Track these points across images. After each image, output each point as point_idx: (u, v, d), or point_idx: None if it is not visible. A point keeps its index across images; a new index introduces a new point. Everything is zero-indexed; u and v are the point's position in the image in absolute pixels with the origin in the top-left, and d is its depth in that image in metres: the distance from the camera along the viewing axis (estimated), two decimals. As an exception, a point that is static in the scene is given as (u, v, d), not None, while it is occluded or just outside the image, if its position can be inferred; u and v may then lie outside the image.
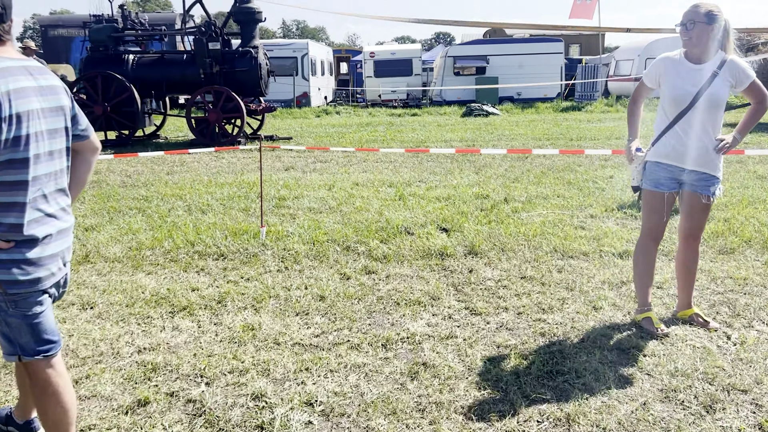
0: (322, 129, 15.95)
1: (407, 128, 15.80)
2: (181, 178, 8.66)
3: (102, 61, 12.11)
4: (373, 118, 20.05)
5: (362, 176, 8.62)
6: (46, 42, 20.12)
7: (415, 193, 7.39)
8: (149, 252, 5.15)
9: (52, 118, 2.19)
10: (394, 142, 12.54)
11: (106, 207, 6.70)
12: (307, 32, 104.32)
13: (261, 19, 12.38)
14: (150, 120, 13.26)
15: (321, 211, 6.58)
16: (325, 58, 27.08)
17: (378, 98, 24.76)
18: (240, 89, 12.30)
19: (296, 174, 8.91)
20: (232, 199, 7.12)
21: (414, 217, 6.15)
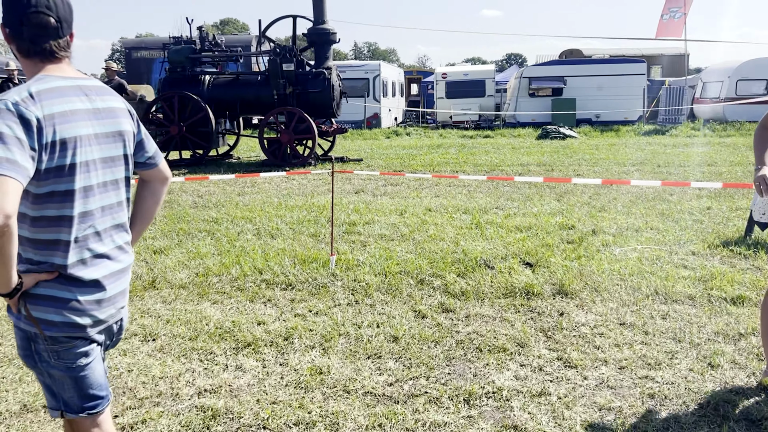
0: (392, 151, 15.72)
1: (480, 151, 15.34)
2: (251, 199, 8.55)
3: (179, 81, 12.32)
4: (444, 139, 19.69)
5: (435, 201, 8.25)
6: (130, 63, 20.98)
7: (492, 221, 6.94)
8: (216, 279, 4.94)
9: (109, 144, 1.93)
10: (467, 165, 12.12)
11: (176, 229, 6.60)
12: (378, 54, 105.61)
13: (335, 40, 12.31)
14: (224, 140, 13.39)
15: (392, 238, 6.25)
16: (397, 79, 27.02)
17: (449, 119, 24.40)
18: (312, 110, 12.22)
19: (367, 197, 8.63)
20: (302, 223, 6.89)
21: (493, 249, 5.71)
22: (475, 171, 11.33)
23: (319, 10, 12.14)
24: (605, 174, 10.70)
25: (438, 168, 11.72)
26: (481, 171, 11.33)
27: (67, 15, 1.86)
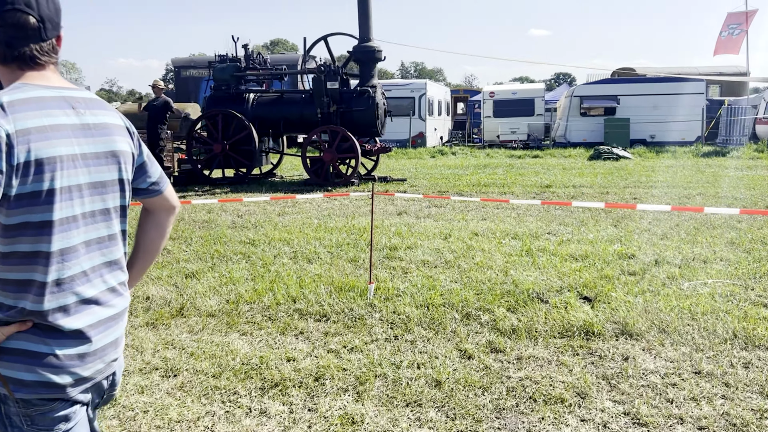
0: (437, 170, 15.34)
1: (529, 171, 14.81)
2: (291, 220, 8.29)
3: (224, 99, 12.29)
4: (491, 159, 19.21)
5: (482, 225, 7.81)
6: (179, 82, 21.32)
7: (544, 248, 6.47)
8: (247, 307, 4.64)
9: (99, 166, 1.62)
10: (516, 187, 11.63)
11: (211, 251, 6.37)
12: (424, 73, 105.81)
13: (380, 58, 12.09)
14: (267, 159, 13.28)
15: (436, 265, 5.85)
16: (443, 98, 26.73)
17: (496, 139, 23.90)
18: (356, 129, 11.99)
19: (409, 219, 8.27)
20: (341, 246, 6.57)
21: (547, 280, 5.24)
22: (525, 193, 10.84)
23: (365, 28, 11.94)
24: (665, 198, 10.06)
25: (485, 189, 11.28)
26: (531, 192, 10.83)
27: (52, 14, 1.57)
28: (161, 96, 12.91)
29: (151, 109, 12.78)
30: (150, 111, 12.79)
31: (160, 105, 12.74)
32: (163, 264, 5.85)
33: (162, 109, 12.72)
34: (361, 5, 11.90)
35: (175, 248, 6.48)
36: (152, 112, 12.74)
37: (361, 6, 11.90)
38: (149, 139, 13.00)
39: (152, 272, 5.51)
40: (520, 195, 10.58)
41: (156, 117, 12.71)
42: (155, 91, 12.92)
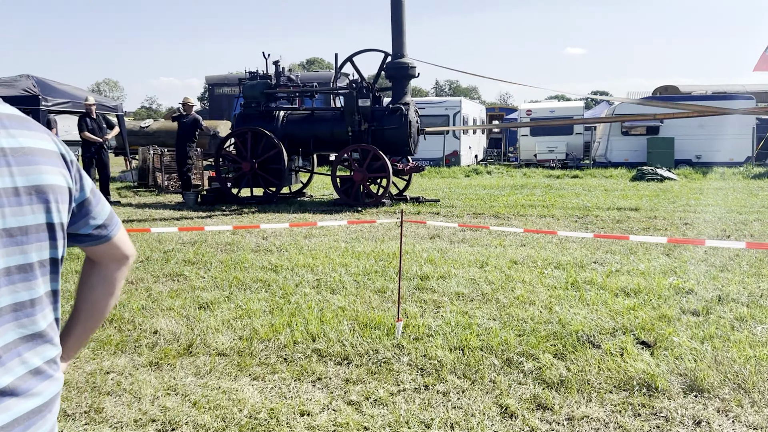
0: (471, 190, 14.80)
1: (569, 192, 14.14)
2: (317, 243, 7.86)
3: (253, 117, 12.03)
4: (528, 179, 18.57)
5: (521, 252, 7.25)
6: (213, 100, 21.32)
7: (591, 280, 5.88)
8: (262, 346, 4.19)
9: (19, 206, 1.18)
10: (555, 209, 11.01)
11: (230, 278, 5.96)
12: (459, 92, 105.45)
13: (414, 75, 11.67)
14: (296, 177, 12.94)
15: (472, 298, 5.32)
16: (478, 116, 26.20)
17: (533, 158, 23.23)
18: (388, 148, 11.57)
19: (442, 244, 7.75)
20: (368, 274, 6.09)
21: (597, 319, 4.67)
22: (566, 215, 10.22)
23: (398, 44, 11.56)
24: (720, 224, 9.32)
25: (523, 211, 10.69)
26: (572, 216, 10.20)
27: None
28: (191, 113, 12.73)
29: (180, 127, 12.60)
30: (179, 128, 12.61)
31: (190, 122, 12.55)
32: (177, 292, 5.46)
33: (191, 126, 12.54)
34: (395, 20, 11.54)
35: (192, 274, 6.10)
36: (181, 129, 12.56)
37: (395, 21, 11.54)
38: (177, 157, 12.81)
39: (164, 302, 5.12)
40: (561, 218, 9.97)
41: (185, 135, 12.53)
42: (185, 109, 12.75)
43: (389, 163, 11.15)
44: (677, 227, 9.02)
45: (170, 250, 7.25)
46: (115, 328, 4.54)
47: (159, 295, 5.36)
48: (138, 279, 5.93)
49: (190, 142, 12.60)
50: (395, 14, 11.51)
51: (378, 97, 11.92)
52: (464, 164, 22.66)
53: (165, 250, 7.27)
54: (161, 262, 6.59)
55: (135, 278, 5.95)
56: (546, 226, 9.23)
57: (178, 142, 12.67)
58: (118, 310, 4.87)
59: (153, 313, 4.85)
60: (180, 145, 12.61)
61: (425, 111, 22.18)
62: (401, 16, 11.50)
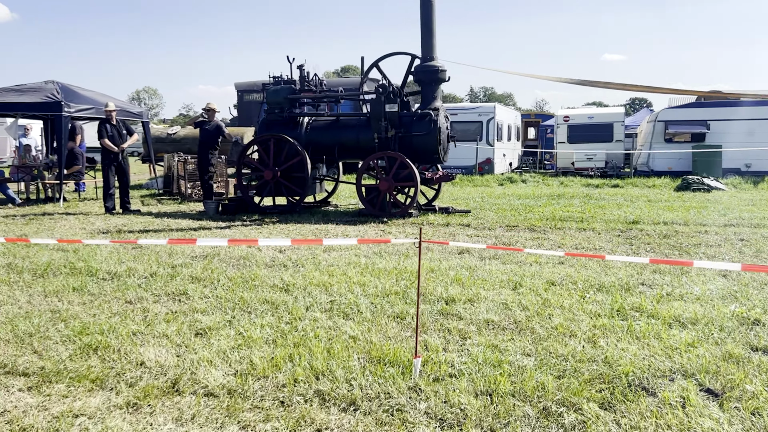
0: (505, 200, 14.09)
1: (610, 203, 13.32)
2: (336, 257, 7.31)
3: (276, 123, 11.58)
4: (566, 188, 17.74)
5: (559, 270, 6.57)
6: (242, 106, 21.07)
7: (640, 306, 5.18)
8: (257, 384, 3.63)
9: None
10: (596, 221, 10.25)
11: (235, 298, 5.43)
12: (494, 98, 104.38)
13: (444, 79, 11.07)
14: (321, 186, 12.44)
15: (503, 327, 4.68)
16: (513, 122, 25.42)
17: (570, 166, 22.34)
18: (416, 155, 10.98)
19: (472, 261, 7.11)
20: (387, 296, 5.50)
21: (650, 358, 3.98)
22: (608, 229, 9.46)
23: (428, 46, 10.98)
24: (781, 240, 8.45)
25: (561, 224, 9.97)
26: (615, 230, 9.44)
27: None
28: (214, 120, 12.36)
29: (202, 134, 12.24)
30: (201, 135, 12.25)
31: (212, 129, 12.18)
32: (175, 314, 4.96)
33: (214, 133, 12.16)
34: (424, 22, 10.96)
35: (196, 293, 5.59)
36: (203, 136, 12.20)
37: (424, 22, 10.96)
38: (199, 164, 12.45)
39: (158, 327, 4.62)
40: (602, 233, 9.21)
41: (207, 141, 12.15)
42: (209, 115, 12.38)
43: (417, 171, 10.55)
44: (732, 244, 8.19)
45: (179, 264, 6.79)
46: (98, 357, 4.04)
47: (155, 318, 4.87)
48: (138, 298, 5.46)
49: (213, 149, 12.21)
50: (425, 15, 10.94)
51: (406, 103, 11.35)
52: (498, 172, 21.91)
53: (174, 264, 6.81)
54: (166, 279, 6.11)
55: (135, 297, 5.48)
56: (586, 241, 8.50)
57: (200, 149, 12.30)
58: (106, 336, 4.39)
59: (144, 341, 4.35)
60: (202, 152, 12.24)
61: (457, 117, 21.56)
62: (431, 17, 10.92)
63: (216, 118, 12.47)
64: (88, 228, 9.74)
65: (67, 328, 4.57)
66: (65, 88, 13.04)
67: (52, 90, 12.63)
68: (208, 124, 12.24)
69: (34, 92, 12.68)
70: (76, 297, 5.48)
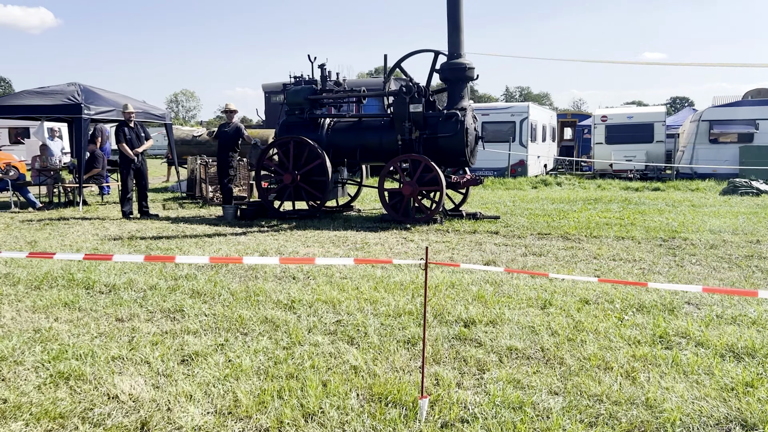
0: (538, 204, 13.40)
1: (650, 208, 12.51)
2: (351, 268, 6.81)
3: (297, 125, 11.16)
4: (603, 191, 16.92)
5: (594, 286, 5.94)
6: (269, 108, 20.77)
7: (686, 331, 4.54)
8: (237, 426, 3.15)
9: None
10: (636, 229, 9.52)
11: (233, 317, 4.97)
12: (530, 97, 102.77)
13: (472, 77, 10.48)
14: (343, 190, 11.96)
15: (528, 356, 4.11)
16: (548, 122, 24.57)
17: (609, 168, 21.42)
18: (442, 158, 10.42)
19: (497, 275, 6.53)
20: (400, 315, 4.97)
21: (701, 400, 3.37)
22: (648, 238, 8.75)
23: (455, 42, 10.41)
24: (844, 251, 7.63)
25: (597, 232, 9.28)
26: (657, 238, 8.71)
27: None
28: (233, 121, 12.01)
29: (221, 136, 11.90)
30: (220, 138, 11.91)
31: (232, 132, 11.83)
32: (164, 336, 4.52)
33: (233, 135, 11.81)
34: (451, 16, 10.39)
35: (193, 311, 5.15)
36: (223, 139, 11.86)
37: (451, 17, 10.39)
38: (219, 168, 12.12)
39: (143, 351, 4.18)
40: (642, 242, 8.51)
41: (227, 144, 11.81)
42: (227, 116, 12.04)
43: (442, 175, 9.99)
44: (790, 255, 7.41)
45: (182, 276, 6.38)
46: (69, 389, 3.62)
47: (141, 340, 4.43)
48: (130, 315, 5.04)
49: (232, 151, 11.86)
50: (451, 9, 10.37)
51: (432, 102, 10.79)
52: (531, 174, 21.14)
53: (177, 276, 6.41)
54: (164, 293, 5.70)
55: (127, 314, 5.07)
56: (625, 251, 7.81)
57: (219, 152, 11.98)
58: (83, 362, 3.97)
59: (123, 368, 3.91)
60: (221, 155, 11.90)
61: (489, 117, 20.90)
62: (458, 11, 10.35)
63: (235, 119, 12.12)
64: (101, 234, 9.45)
65: (44, 351, 4.16)
66: (87, 90, 12.87)
67: (73, 92, 12.47)
68: (227, 126, 11.89)
69: (56, 95, 12.53)
70: (65, 313, 5.10)
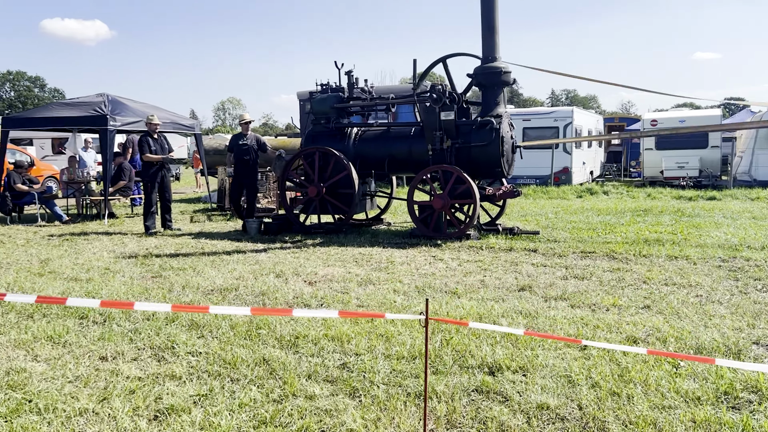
0: (582, 216, 12.51)
1: (706, 220, 11.49)
2: (372, 292, 6.20)
3: (323, 135, 10.63)
4: (653, 201, 15.85)
5: (642, 320, 5.17)
6: (303, 116, 20.36)
7: (757, 385, 3.76)
8: None
9: None
10: (689, 246, 8.61)
11: (228, 356, 4.42)
12: (577, 101, 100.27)
13: (508, 81, 9.76)
14: (372, 202, 11.36)
15: (562, 416, 3.42)
16: (594, 127, 23.47)
17: (659, 175, 20.21)
18: (476, 168, 9.71)
19: (532, 303, 5.81)
20: (413, 359, 4.32)
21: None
22: (705, 257, 7.85)
23: (489, 46, 9.70)
24: None
25: (647, 250, 8.41)
26: (714, 257, 7.81)
27: None
28: (249, 133, 11.54)
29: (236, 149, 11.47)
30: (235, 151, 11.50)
31: (252, 143, 11.41)
32: (143, 383, 3.98)
33: (253, 149, 11.38)
34: (485, 18, 9.69)
35: (185, 347, 4.62)
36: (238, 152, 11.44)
37: (485, 19, 9.69)
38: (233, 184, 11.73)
39: (114, 402, 3.65)
40: (698, 262, 7.62)
41: (244, 158, 11.38)
42: (243, 128, 11.59)
43: (476, 187, 9.28)
44: None
45: (187, 302, 5.88)
46: (17, 453, 3.11)
47: (118, 386, 3.91)
48: (115, 354, 4.54)
49: (249, 166, 11.45)
50: (485, 10, 9.67)
51: (466, 109, 10.11)
52: (576, 182, 20.12)
53: (182, 301, 5.92)
54: (161, 324, 5.20)
55: (113, 352, 4.57)
56: (678, 273, 6.97)
57: (236, 166, 11.59)
58: (42, 417, 3.46)
59: (86, 425, 3.39)
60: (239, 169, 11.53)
61: (531, 123, 20.03)
62: (492, 13, 9.64)
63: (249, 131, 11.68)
64: (117, 250, 9.11)
65: (4, 402, 3.68)
66: (115, 100, 12.68)
67: (100, 103, 12.28)
68: (243, 138, 11.46)
69: (83, 106, 12.38)
70: (47, 349, 4.64)
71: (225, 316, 5.40)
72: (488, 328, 3.61)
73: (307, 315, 3.46)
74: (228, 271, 7.51)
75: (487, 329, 4.03)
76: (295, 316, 4.00)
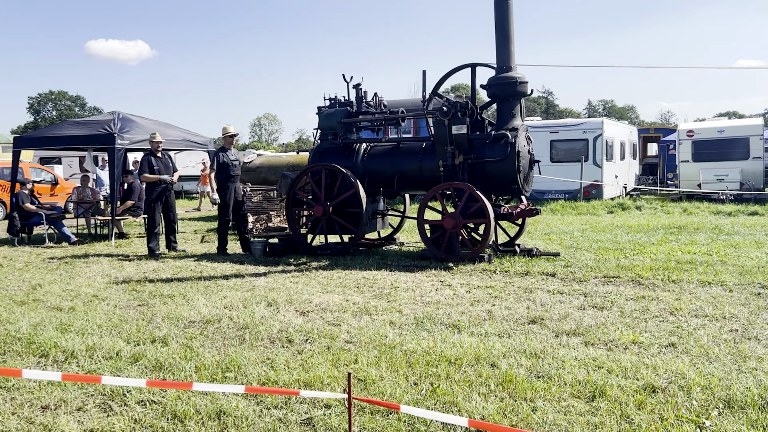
0: (610, 234, 11.72)
1: (746, 239, 10.59)
2: (364, 326, 5.63)
3: (330, 151, 10.16)
4: (689, 217, 14.90)
5: (665, 362, 4.48)
6: (323, 131, 20.07)
7: (803, 461, 3.05)
8: None
9: None
10: (726, 271, 7.80)
11: (180, 410, 3.89)
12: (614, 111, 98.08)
13: (525, 92, 9.13)
14: (384, 222, 10.79)
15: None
16: (627, 138, 22.49)
17: (696, 188, 19.16)
18: (490, 185, 9.09)
19: (541, 339, 5.16)
20: (415, 425, 3.72)
21: None
22: (742, 283, 7.06)
23: (504, 54, 9.10)
24: None
25: (677, 274, 7.64)
26: (754, 284, 7.01)
27: None
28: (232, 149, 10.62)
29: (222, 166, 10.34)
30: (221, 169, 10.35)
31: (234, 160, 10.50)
32: (77, 439, 3.48)
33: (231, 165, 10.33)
34: (499, 25, 9.11)
35: (136, 397, 4.12)
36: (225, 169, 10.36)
37: (499, 26, 9.11)
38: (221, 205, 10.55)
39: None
40: (734, 289, 6.84)
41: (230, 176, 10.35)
42: (227, 141, 10.53)
43: (490, 205, 8.65)
44: None
45: (158, 338, 5.41)
46: None
47: (44, 446, 3.42)
48: (59, 402, 4.06)
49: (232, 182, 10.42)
50: (499, 17, 9.09)
51: (480, 122, 9.51)
52: (608, 197, 19.20)
53: (153, 337, 5.45)
54: (123, 364, 4.72)
55: (57, 400, 4.08)
56: (711, 303, 6.21)
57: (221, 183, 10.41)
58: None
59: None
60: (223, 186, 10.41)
61: (559, 135, 19.27)
62: (507, 20, 9.05)
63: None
64: (113, 274, 8.74)
65: None
66: (125, 118, 12.48)
67: (109, 122, 12.08)
68: (227, 151, 10.40)
69: (93, 124, 12.20)
70: (-11, 395, 4.20)
71: (197, 353, 4.89)
72: (422, 416, 2.97)
73: (204, 389, 2.91)
74: (219, 298, 7.04)
75: (422, 416, 3.19)
76: (194, 389, 3.40)
